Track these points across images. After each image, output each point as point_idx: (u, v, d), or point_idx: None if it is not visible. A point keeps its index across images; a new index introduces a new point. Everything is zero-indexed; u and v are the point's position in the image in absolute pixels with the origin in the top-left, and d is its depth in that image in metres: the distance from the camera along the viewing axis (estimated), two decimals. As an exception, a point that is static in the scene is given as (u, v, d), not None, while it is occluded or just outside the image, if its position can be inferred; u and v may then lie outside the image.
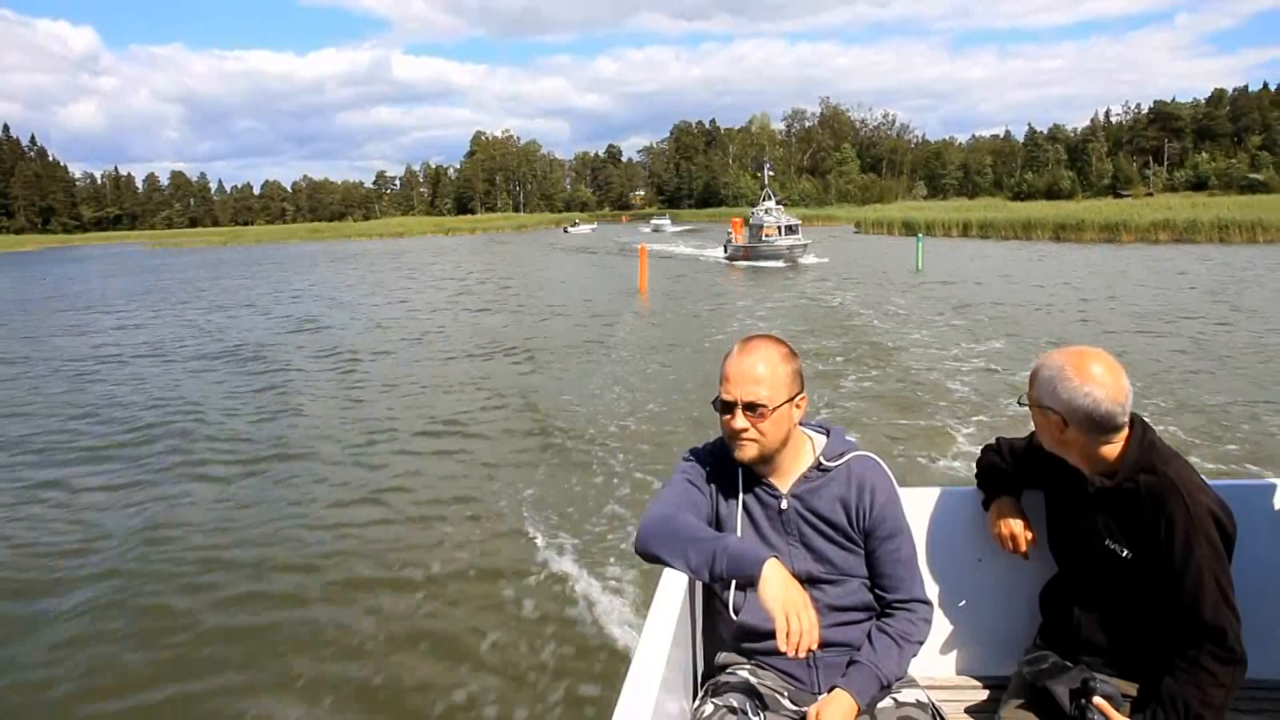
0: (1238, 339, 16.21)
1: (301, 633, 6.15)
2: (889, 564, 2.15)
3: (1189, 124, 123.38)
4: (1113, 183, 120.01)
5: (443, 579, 6.85)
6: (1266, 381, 12.35)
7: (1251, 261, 31.89)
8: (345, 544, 7.76)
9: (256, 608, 6.56)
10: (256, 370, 16.85)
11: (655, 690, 1.57)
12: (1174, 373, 13.18)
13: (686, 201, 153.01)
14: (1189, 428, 10.00)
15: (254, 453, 10.93)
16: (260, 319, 26.00)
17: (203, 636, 6.16)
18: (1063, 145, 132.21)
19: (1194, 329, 17.42)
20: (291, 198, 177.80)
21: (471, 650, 5.73)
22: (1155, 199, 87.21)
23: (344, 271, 48.76)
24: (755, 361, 2.08)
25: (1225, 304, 21.13)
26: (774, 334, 2.20)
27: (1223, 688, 1.92)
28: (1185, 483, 1.99)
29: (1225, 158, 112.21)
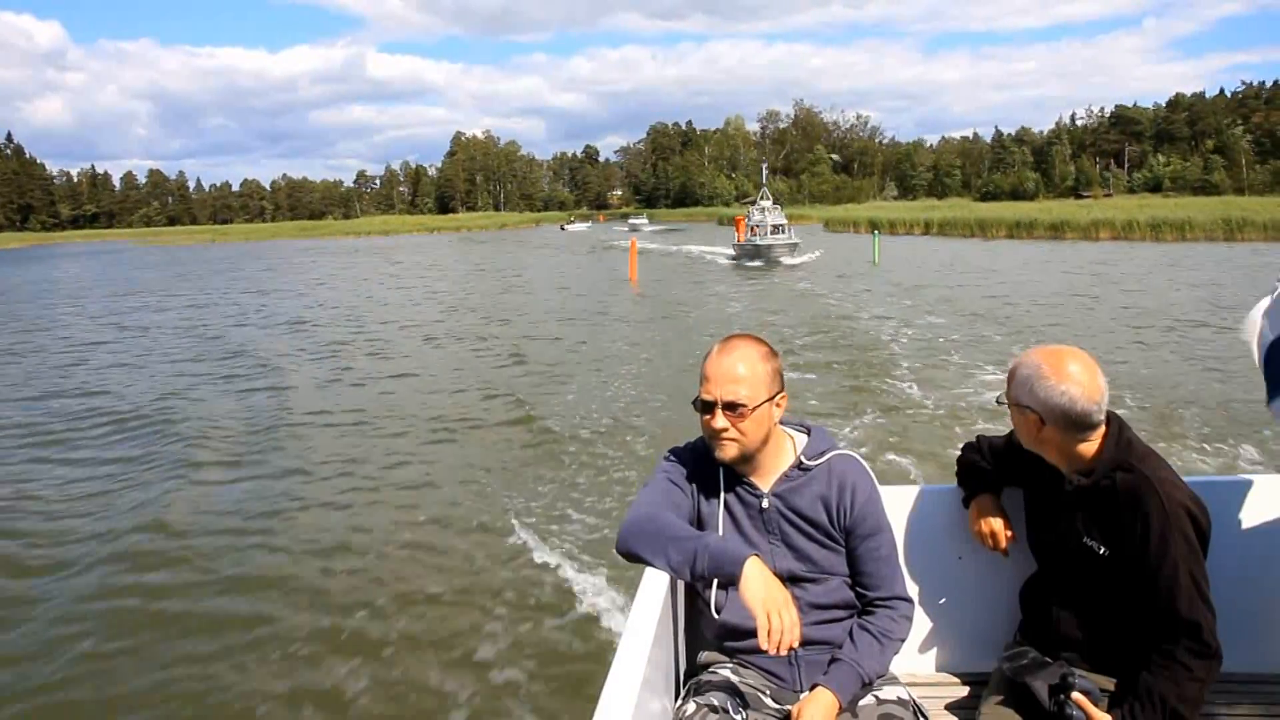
0: (1097, 317, 19.50)
1: (280, 627, 6.09)
2: (870, 562, 2.13)
3: (1148, 128, 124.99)
4: (1075, 184, 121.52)
5: (427, 577, 6.79)
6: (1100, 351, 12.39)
7: (1167, 255, 36.23)
8: (332, 537, 7.71)
9: (238, 600, 6.52)
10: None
11: (636, 690, 1.54)
12: (1029, 334, 17.05)
13: (663, 201, 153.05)
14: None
15: (249, 445, 10.97)
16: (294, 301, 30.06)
17: (190, 626, 6.14)
18: (1029, 147, 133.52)
19: (1072, 308, 21.12)
20: (271, 196, 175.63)
21: (452, 648, 5.68)
22: (1113, 200, 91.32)
23: (357, 263, 52.83)
24: (735, 361, 2.05)
25: (1114, 286, 25.47)
26: (754, 333, 2.18)
27: (1198, 681, 1.92)
28: (1160, 479, 1.99)
29: (1181, 160, 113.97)
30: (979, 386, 12.55)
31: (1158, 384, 12.30)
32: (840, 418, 11.06)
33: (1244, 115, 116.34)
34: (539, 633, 5.79)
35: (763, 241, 40.50)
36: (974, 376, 13.32)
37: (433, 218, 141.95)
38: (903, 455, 9.38)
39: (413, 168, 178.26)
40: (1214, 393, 11.72)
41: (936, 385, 12.76)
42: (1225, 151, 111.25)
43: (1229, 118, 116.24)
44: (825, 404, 11.96)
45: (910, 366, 14.24)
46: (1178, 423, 10.23)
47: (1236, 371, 12.56)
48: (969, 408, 11.31)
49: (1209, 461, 8.81)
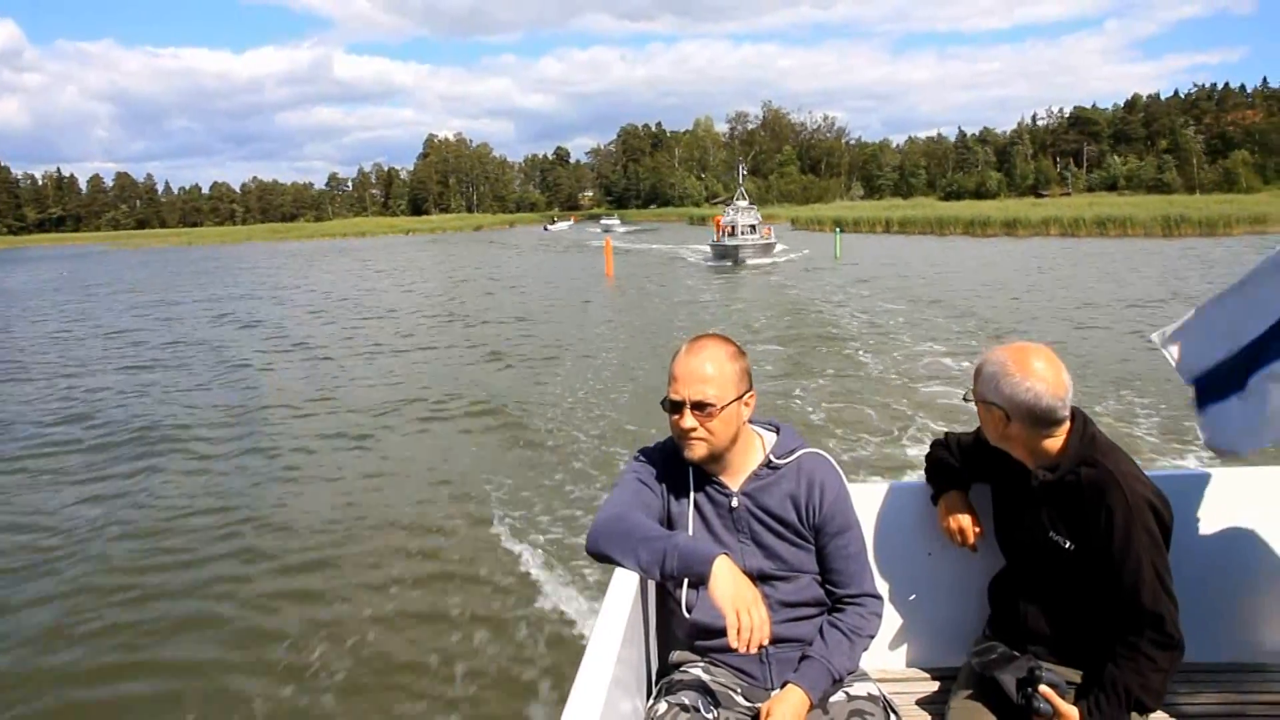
0: (1023, 304, 21.90)
1: (258, 623, 6.08)
2: (839, 559, 2.12)
3: (1105, 128, 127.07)
4: (1035, 183, 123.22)
5: (400, 576, 6.73)
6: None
7: (1101, 250, 38.83)
8: (307, 530, 7.68)
9: (214, 598, 6.45)
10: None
11: (605, 690, 1.52)
12: (967, 317, 19.43)
13: (634, 202, 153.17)
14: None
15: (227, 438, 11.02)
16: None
17: (172, 624, 6.12)
18: (992, 147, 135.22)
19: (1003, 295, 23.79)
20: (241, 199, 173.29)
21: (426, 646, 5.62)
22: (1069, 198, 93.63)
23: (343, 263, 54.98)
24: (703, 361, 2.04)
25: (1048, 276, 28.44)
26: (721, 333, 2.16)
27: (1161, 672, 1.94)
28: (1124, 474, 2.00)
29: (1137, 160, 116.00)
30: (918, 354, 15.15)
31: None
32: (802, 378, 13.40)
33: (1196, 116, 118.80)
34: (511, 634, 5.73)
35: (731, 241, 40.46)
36: (911, 347, 15.96)
37: (407, 219, 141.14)
38: (855, 405, 11.38)
39: (385, 170, 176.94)
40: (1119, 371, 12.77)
41: (882, 353, 15.42)
42: (1177, 151, 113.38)
43: (1182, 119, 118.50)
44: (786, 368, 14.17)
45: (862, 340, 16.96)
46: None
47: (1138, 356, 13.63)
48: (910, 370, 13.77)
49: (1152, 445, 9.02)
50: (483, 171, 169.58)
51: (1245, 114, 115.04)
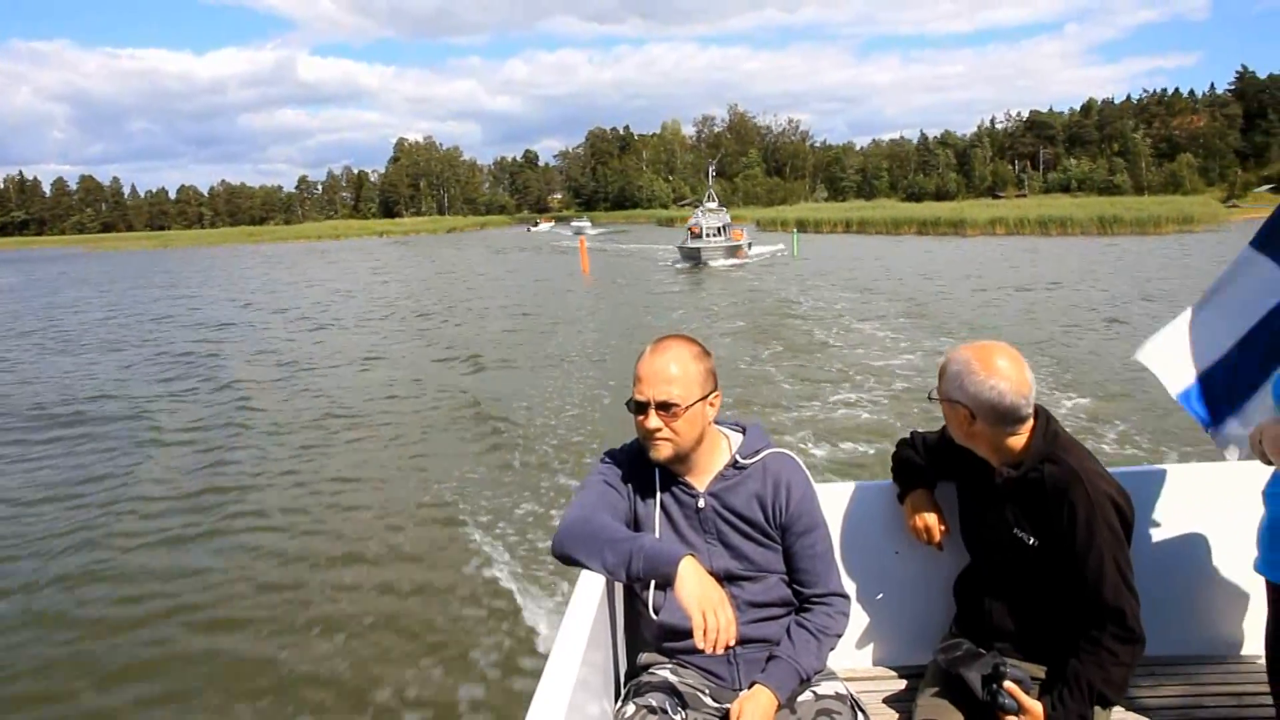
0: (953, 291, 25.41)
1: (224, 619, 6.06)
2: (806, 559, 2.10)
3: (1061, 132, 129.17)
4: (992, 185, 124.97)
5: (364, 578, 6.66)
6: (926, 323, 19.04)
7: (1033, 247, 43.25)
8: (275, 530, 7.64)
9: (167, 621, 6.24)
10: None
11: (569, 692, 1.50)
12: (903, 302, 22.96)
13: (603, 204, 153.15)
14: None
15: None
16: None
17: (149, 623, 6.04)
18: (952, 150, 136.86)
19: (935, 285, 27.53)
20: (209, 202, 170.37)
21: (389, 647, 5.55)
22: (1026, 199, 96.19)
23: (329, 263, 57.60)
24: (667, 361, 2.01)
25: (975, 268, 32.79)
26: (686, 334, 2.14)
27: (1124, 666, 1.94)
28: (1086, 471, 1.99)
29: (1090, 162, 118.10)
30: (858, 328, 18.80)
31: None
32: (763, 345, 16.88)
33: (1146, 120, 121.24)
34: (479, 638, 5.65)
35: (695, 244, 40.36)
36: (853, 324, 19.47)
37: (380, 222, 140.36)
38: (802, 365, 14.41)
39: (354, 172, 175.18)
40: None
41: (829, 327, 19.06)
42: (1128, 155, 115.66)
43: (1132, 123, 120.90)
44: (748, 342, 17.25)
45: (813, 320, 20.43)
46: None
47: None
48: (849, 339, 17.28)
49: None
50: (453, 174, 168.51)
51: (1191, 119, 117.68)
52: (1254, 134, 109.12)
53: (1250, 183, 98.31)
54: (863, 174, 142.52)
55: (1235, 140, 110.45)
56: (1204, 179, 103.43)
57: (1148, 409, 10.42)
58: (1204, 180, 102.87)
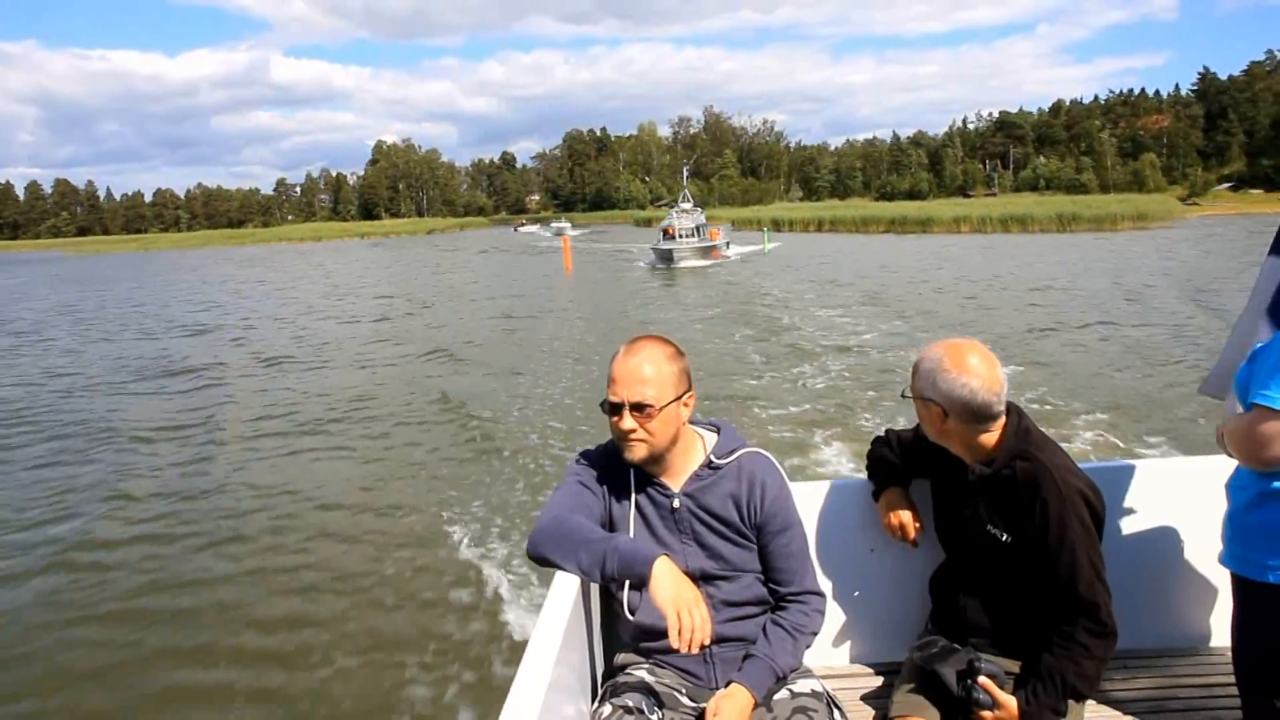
0: (909, 284, 27.54)
1: (202, 615, 6.02)
2: (781, 558, 2.08)
3: (1030, 131, 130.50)
4: (963, 184, 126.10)
5: (348, 575, 6.61)
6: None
7: (990, 244, 46.04)
8: (259, 528, 7.58)
9: (145, 622, 6.15)
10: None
11: (543, 693, 1.48)
12: (860, 293, 25.23)
13: (580, 205, 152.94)
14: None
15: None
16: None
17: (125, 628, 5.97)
18: (924, 150, 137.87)
19: (892, 276, 30.38)
20: (186, 205, 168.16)
21: (370, 649, 5.49)
22: (995, 198, 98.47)
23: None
24: (641, 362, 1.99)
25: (931, 262, 35.33)
26: (660, 334, 2.12)
27: (1096, 660, 1.94)
28: (1057, 467, 1.99)
29: (1058, 161, 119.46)
30: (818, 311, 21.25)
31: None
32: (734, 325, 19.43)
33: (1113, 120, 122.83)
34: (455, 639, 5.59)
35: (667, 245, 40.06)
36: (813, 308, 22.07)
37: (361, 224, 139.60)
38: (768, 344, 16.49)
39: (333, 175, 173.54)
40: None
41: (796, 313, 21.26)
42: (1093, 154, 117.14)
43: (1099, 123, 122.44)
44: (721, 324, 19.75)
45: (779, 305, 23.06)
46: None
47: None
48: (812, 322, 19.47)
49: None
50: (432, 177, 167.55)
51: (1155, 119, 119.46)
52: (1215, 134, 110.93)
53: (1210, 182, 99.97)
54: (837, 174, 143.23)
55: (1197, 140, 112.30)
56: (1167, 178, 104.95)
57: (1068, 380, 11.57)
58: (1167, 179, 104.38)
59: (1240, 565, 1.85)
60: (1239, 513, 1.86)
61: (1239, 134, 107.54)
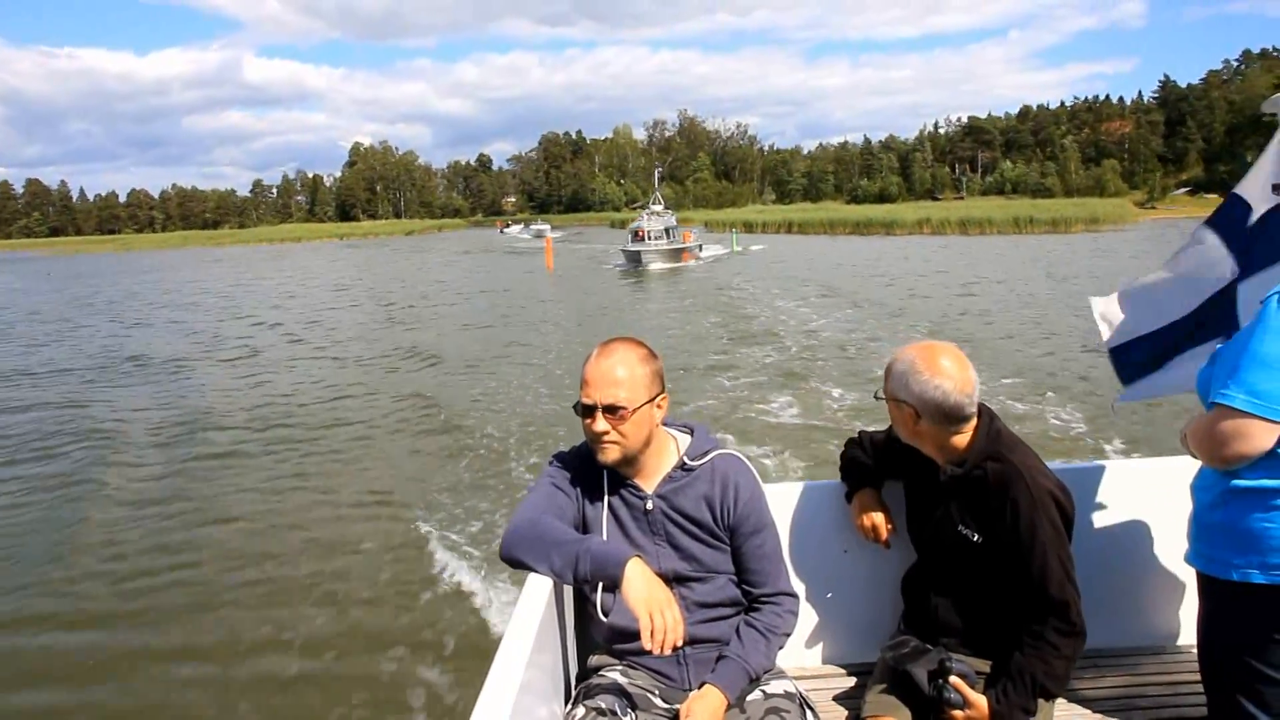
0: (865, 280, 30.18)
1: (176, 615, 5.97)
2: (754, 559, 2.07)
3: (998, 136, 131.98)
4: (932, 187, 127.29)
5: (323, 575, 6.55)
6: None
7: (948, 244, 49.61)
8: (235, 533, 7.47)
9: (116, 618, 6.10)
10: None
11: (514, 695, 1.46)
12: (816, 286, 28.04)
13: (556, 207, 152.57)
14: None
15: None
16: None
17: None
18: (895, 154, 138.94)
19: (846, 272, 33.65)
20: (160, 206, 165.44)
21: (344, 651, 5.43)
22: (964, 201, 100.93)
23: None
24: (614, 364, 1.97)
25: (885, 261, 38.43)
26: (633, 336, 2.10)
27: (1065, 659, 1.95)
28: (1028, 468, 2.00)
29: (1025, 165, 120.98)
30: (779, 301, 23.95)
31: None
32: (703, 313, 21.92)
33: (1077, 126, 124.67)
34: (430, 642, 5.52)
35: (635, 247, 39.66)
36: (776, 296, 25.10)
37: (341, 225, 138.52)
38: (733, 327, 19.14)
39: (309, 176, 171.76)
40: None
41: (761, 304, 23.70)
42: (1056, 159, 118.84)
43: (1063, 128, 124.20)
44: (693, 312, 22.55)
45: (746, 297, 25.65)
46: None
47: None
48: (774, 310, 22.05)
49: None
50: (409, 178, 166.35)
51: (1118, 125, 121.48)
52: (1175, 140, 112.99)
53: (1168, 186, 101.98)
54: (809, 177, 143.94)
55: (1158, 146, 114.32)
56: (1128, 182, 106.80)
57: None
58: (1128, 183, 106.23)
59: (1205, 564, 1.85)
60: (1203, 512, 1.86)
61: (1198, 140, 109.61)
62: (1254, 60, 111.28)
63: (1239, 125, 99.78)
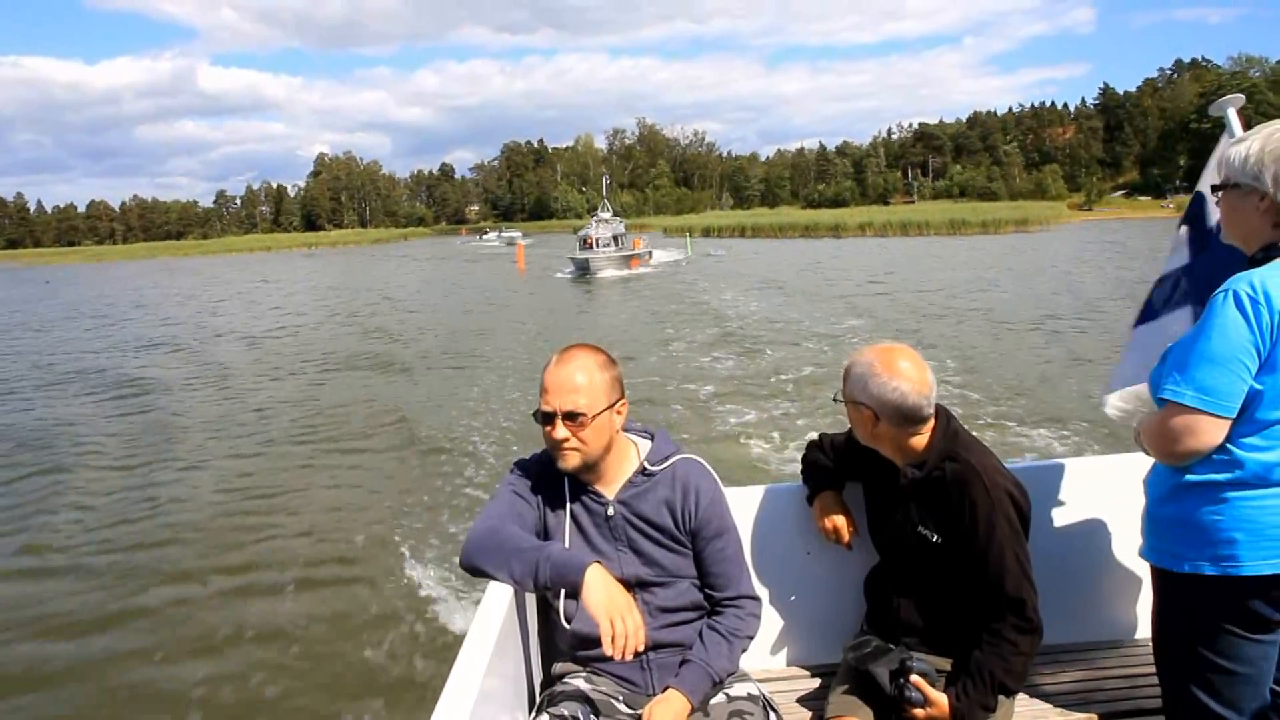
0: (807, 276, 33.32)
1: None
2: (716, 563, 2.05)
3: (949, 142, 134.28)
4: (884, 192, 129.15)
5: (283, 586, 6.37)
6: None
7: (885, 246, 52.87)
8: (198, 543, 7.30)
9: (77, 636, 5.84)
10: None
11: (472, 705, 1.43)
12: (754, 280, 31.84)
13: (519, 215, 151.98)
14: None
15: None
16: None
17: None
18: (850, 159, 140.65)
19: (791, 272, 35.45)
20: (121, 217, 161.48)
21: (302, 663, 5.28)
22: (914, 205, 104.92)
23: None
24: (573, 371, 1.95)
25: (821, 266, 38.95)
26: (592, 343, 2.08)
27: (1023, 655, 1.95)
28: (985, 467, 1.99)
29: (973, 170, 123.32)
30: (724, 294, 26.99)
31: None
32: (664, 306, 24.51)
33: (1023, 132, 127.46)
34: (390, 654, 5.36)
35: (584, 255, 39.06)
36: (723, 290, 28.16)
37: (309, 235, 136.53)
38: (685, 315, 21.69)
39: (274, 186, 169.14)
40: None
41: (715, 295, 26.70)
42: (1001, 164, 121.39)
43: (1009, 133, 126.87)
44: (651, 304, 25.35)
45: (705, 290, 28.72)
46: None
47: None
48: (717, 295, 26.55)
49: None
50: (374, 188, 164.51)
51: (1060, 130, 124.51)
52: (1114, 144, 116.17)
53: (1105, 189, 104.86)
54: (766, 183, 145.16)
55: (1098, 150, 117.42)
56: (1070, 185, 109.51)
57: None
58: (1070, 186, 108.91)
59: (1158, 557, 1.86)
60: (1156, 507, 1.87)
61: (1134, 145, 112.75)
62: (1185, 69, 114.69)
63: (1170, 131, 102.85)
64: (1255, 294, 1.63)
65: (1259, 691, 1.79)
